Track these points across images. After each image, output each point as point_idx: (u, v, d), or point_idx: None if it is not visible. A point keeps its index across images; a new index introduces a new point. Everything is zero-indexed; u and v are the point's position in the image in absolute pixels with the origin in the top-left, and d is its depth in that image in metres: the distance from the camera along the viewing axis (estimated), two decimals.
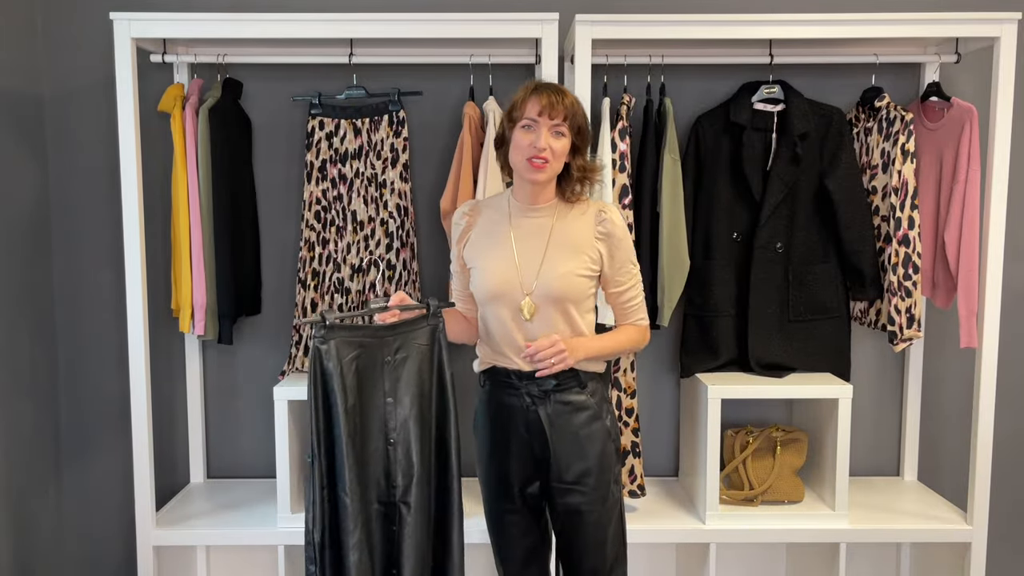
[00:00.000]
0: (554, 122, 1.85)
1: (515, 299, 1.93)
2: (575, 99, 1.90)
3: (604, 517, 1.96)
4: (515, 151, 1.89)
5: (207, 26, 2.31)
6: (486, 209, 2.03)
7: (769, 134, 2.50)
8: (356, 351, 1.84)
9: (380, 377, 1.88)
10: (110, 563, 2.84)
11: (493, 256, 1.96)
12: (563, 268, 1.91)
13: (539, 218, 1.96)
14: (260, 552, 2.71)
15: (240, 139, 2.64)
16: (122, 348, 2.62)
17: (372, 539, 1.85)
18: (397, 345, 1.90)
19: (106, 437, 2.78)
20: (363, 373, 1.85)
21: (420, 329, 1.92)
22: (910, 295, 2.44)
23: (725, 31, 2.29)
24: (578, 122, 1.89)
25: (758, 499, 2.50)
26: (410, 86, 2.59)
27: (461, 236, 2.03)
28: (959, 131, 2.42)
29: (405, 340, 1.90)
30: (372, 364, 1.87)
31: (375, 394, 1.88)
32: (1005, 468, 2.74)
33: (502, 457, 1.99)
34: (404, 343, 1.90)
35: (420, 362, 1.92)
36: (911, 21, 2.30)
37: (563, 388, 1.94)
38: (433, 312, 1.93)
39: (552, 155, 1.87)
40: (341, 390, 1.79)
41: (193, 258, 2.48)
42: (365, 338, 1.86)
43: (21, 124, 2.60)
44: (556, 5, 2.46)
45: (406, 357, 1.90)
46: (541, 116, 1.85)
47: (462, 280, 2.06)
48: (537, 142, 1.85)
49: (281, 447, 2.39)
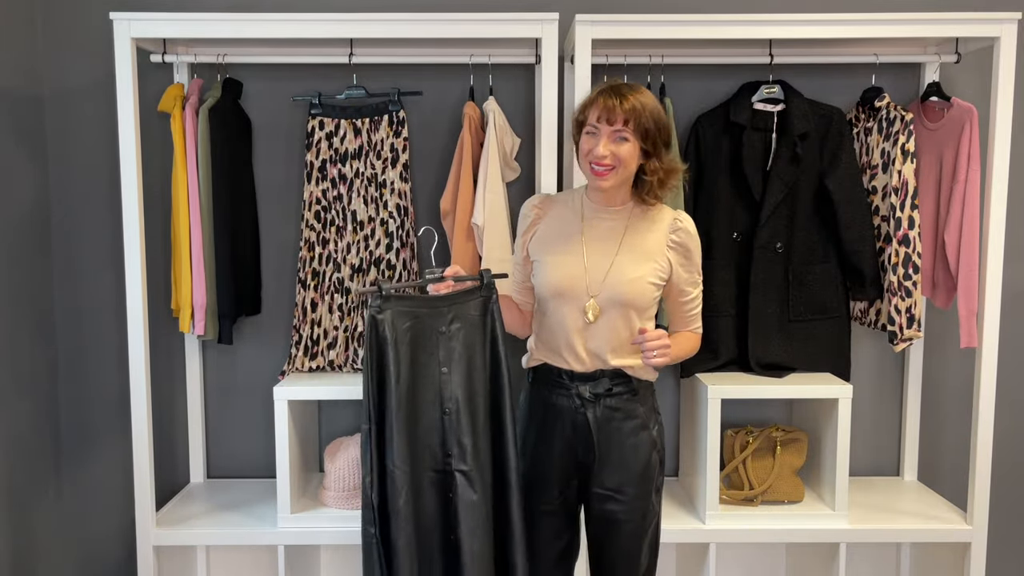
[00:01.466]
0: (614, 127, 1.82)
1: (579, 299, 1.91)
2: (641, 101, 1.82)
3: (640, 528, 1.95)
4: (581, 157, 1.89)
5: (207, 26, 2.31)
6: (557, 204, 2.01)
7: (769, 134, 2.50)
8: (411, 321, 1.86)
9: (435, 347, 1.89)
10: (110, 563, 2.84)
11: (561, 253, 1.94)
12: (632, 274, 1.90)
13: (611, 220, 1.94)
14: (260, 552, 2.71)
15: (240, 139, 2.64)
16: (122, 348, 2.62)
17: (425, 507, 1.87)
18: (451, 316, 1.90)
19: (106, 437, 2.78)
20: (417, 343, 1.87)
21: (473, 300, 1.93)
22: (910, 295, 2.44)
23: (725, 31, 2.29)
24: (644, 125, 1.82)
25: (758, 499, 2.50)
26: (410, 86, 2.59)
27: (528, 228, 2.02)
28: (959, 131, 2.42)
29: (459, 311, 1.91)
30: (427, 334, 1.88)
31: (430, 364, 1.89)
32: (1005, 468, 2.74)
33: (543, 455, 1.98)
34: (458, 314, 1.91)
35: (473, 333, 1.92)
36: (911, 21, 2.29)
37: (615, 393, 1.93)
38: (486, 283, 1.93)
39: (616, 160, 1.83)
40: (395, 361, 1.82)
41: (193, 258, 2.48)
42: (420, 308, 1.88)
43: (21, 124, 2.60)
44: (556, 5, 2.46)
45: (460, 328, 1.91)
46: (600, 122, 1.82)
47: (523, 272, 2.05)
48: (596, 149, 1.83)
49: (281, 447, 2.39)
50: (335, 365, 2.62)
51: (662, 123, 1.86)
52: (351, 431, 2.75)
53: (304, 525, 2.42)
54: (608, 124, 1.82)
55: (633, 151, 1.84)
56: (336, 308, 2.61)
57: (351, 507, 2.47)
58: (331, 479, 2.48)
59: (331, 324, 2.61)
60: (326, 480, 2.51)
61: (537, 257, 1.98)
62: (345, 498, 2.47)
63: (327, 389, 2.45)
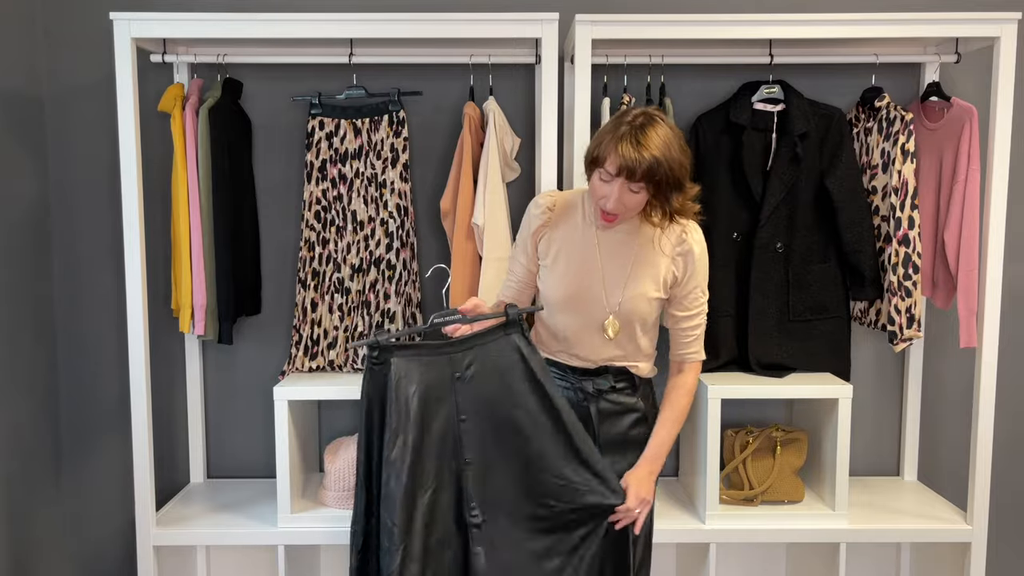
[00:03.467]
0: (630, 183, 1.75)
1: (593, 312, 1.91)
2: (658, 156, 1.72)
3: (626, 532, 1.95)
4: (591, 192, 1.85)
5: (207, 26, 2.31)
6: (569, 209, 1.95)
7: (769, 134, 2.50)
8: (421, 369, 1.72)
9: (449, 395, 1.76)
10: (110, 563, 2.84)
11: (577, 262, 1.91)
12: (644, 289, 1.90)
13: (624, 233, 1.91)
14: (260, 552, 2.71)
15: (240, 139, 2.64)
16: (122, 348, 2.62)
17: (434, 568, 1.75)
18: (469, 360, 1.77)
19: (106, 437, 2.78)
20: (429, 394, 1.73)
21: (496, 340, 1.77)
22: (910, 295, 2.44)
23: (725, 31, 2.29)
24: (657, 178, 1.73)
25: (758, 499, 2.50)
26: (410, 86, 2.59)
27: (538, 229, 1.96)
28: (959, 131, 2.42)
29: (480, 353, 1.77)
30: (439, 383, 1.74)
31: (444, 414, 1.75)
32: (1005, 468, 2.74)
33: None
34: (478, 356, 1.77)
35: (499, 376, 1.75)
36: (911, 21, 2.29)
37: (618, 389, 1.96)
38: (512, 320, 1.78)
39: (624, 210, 1.80)
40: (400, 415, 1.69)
41: (193, 258, 2.48)
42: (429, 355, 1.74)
43: (21, 124, 2.60)
44: (556, 5, 2.46)
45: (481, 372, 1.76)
46: (619, 176, 1.75)
47: (526, 271, 1.99)
48: (607, 203, 1.78)
49: (281, 447, 2.39)
50: (335, 365, 2.62)
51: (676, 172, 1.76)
52: (351, 431, 2.75)
53: (304, 525, 2.42)
54: (625, 179, 1.75)
55: (642, 200, 1.80)
56: (336, 308, 2.61)
57: (351, 507, 2.46)
58: (331, 479, 2.48)
59: (331, 324, 2.61)
60: (326, 480, 2.51)
61: (548, 262, 1.95)
62: (345, 498, 2.47)
63: (327, 389, 2.45)
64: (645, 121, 1.75)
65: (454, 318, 1.76)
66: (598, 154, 1.78)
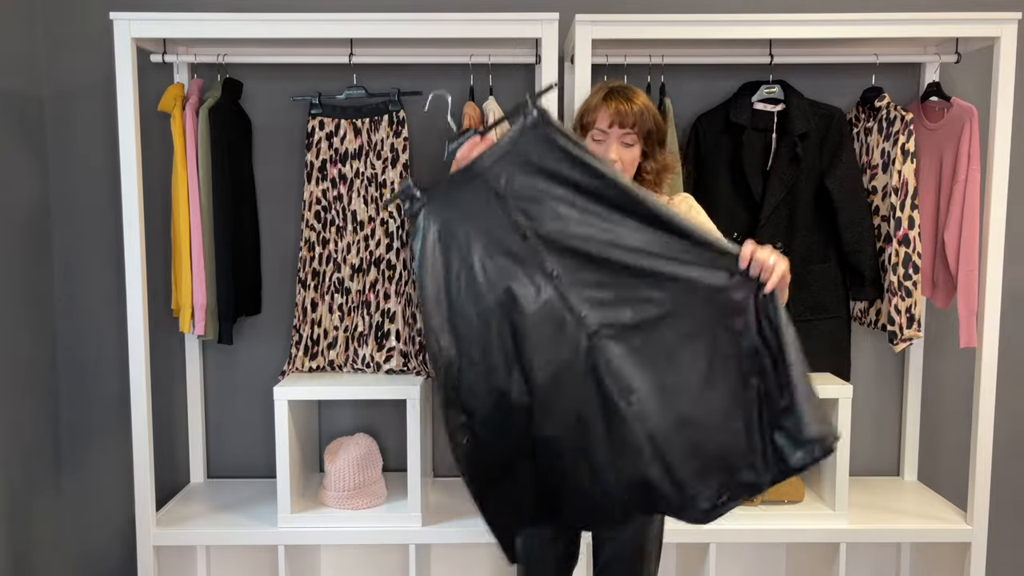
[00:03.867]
0: (623, 131, 1.85)
1: None
2: (645, 103, 1.88)
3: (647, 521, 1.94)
4: None
5: (207, 26, 2.31)
6: None
7: (769, 134, 2.50)
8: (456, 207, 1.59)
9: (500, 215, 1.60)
10: (110, 563, 2.84)
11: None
12: None
13: None
14: (260, 552, 2.71)
15: (240, 139, 2.64)
16: (122, 348, 2.62)
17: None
18: (501, 172, 1.62)
19: (106, 437, 2.79)
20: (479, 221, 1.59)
21: (522, 139, 1.60)
22: (910, 295, 2.44)
23: (725, 31, 2.29)
24: (647, 127, 1.87)
25: (758, 499, 2.50)
26: (410, 86, 2.59)
27: None
28: (959, 131, 2.42)
29: (509, 161, 1.61)
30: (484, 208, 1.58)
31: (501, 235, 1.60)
32: (1005, 468, 2.74)
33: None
34: (508, 164, 1.62)
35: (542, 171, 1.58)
36: (911, 21, 2.29)
37: None
38: (530, 109, 1.60)
39: (623, 166, 1.86)
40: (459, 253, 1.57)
41: (193, 258, 2.48)
42: (460, 188, 1.61)
43: (21, 124, 2.60)
44: (556, 5, 2.46)
45: (519, 177, 1.60)
46: (612, 127, 1.85)
47: None
48: (607, 155, 1.84)
49: (281, 447, 2.39)
50: (335, 365, 2.62)
51: (660, 123, 1.92)
52: (351, 431, 2.75)
53: (304, 525, 2.42)
54: (619, 128, 1.85)
55: (636, 156, 1.89)
56: (336, 308, 2.61)
57: (351, 507, 2.47)
58: (331, 479, 2.48)
59: (331, 324, 2.61)
60: (326, 480, 2.51)
61: None
62: (345, 498, 2.47)
63: (327, 389, 2.45)
64: (624, 85, 1.93)
65: (468, 135, 1.65)
66: (588, 118, 1.89)
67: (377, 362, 2.58)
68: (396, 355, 2.56)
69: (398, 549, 2.72)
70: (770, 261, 1.60)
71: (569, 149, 1.61)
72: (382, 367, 2.57)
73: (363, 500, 2.48)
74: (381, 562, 2.77)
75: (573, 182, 1.62)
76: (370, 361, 2.59)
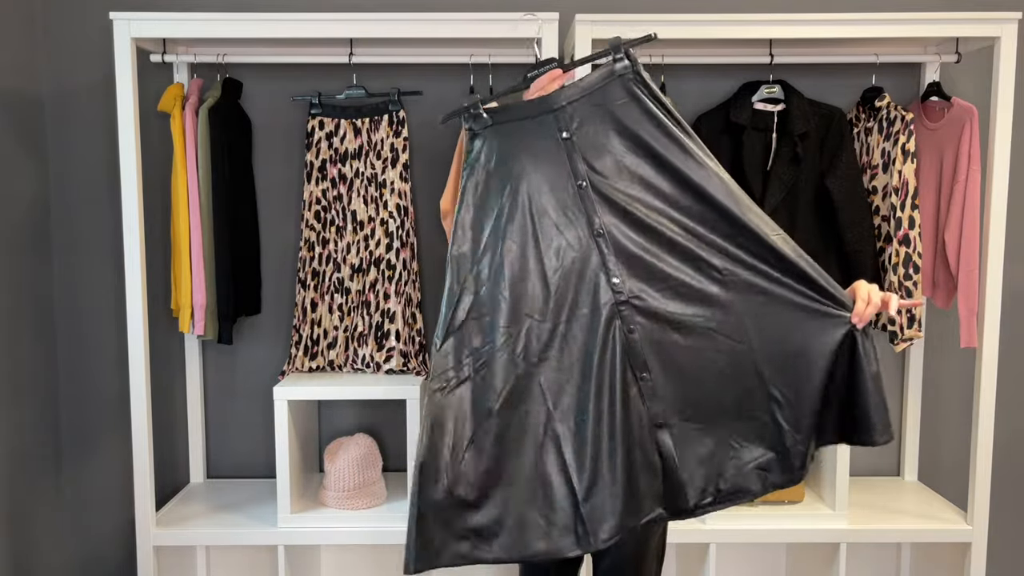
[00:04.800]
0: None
1: None
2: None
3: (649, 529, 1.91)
4: None
5: (207, 26, 2.31)
6: None
7: (769, 134, 2.50)
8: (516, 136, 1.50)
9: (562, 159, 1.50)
10: (110, 563, 2.84)
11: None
12: None
13: None
14: (260, 552, 2.71)
15: (240, 139, 2.64)
16: (122, 348, 2.62)
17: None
18: (574, 114, 1.50)
19: (106, 437, 2.79)
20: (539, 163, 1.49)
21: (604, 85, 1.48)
22: (910, 295, 2.44)
23: (725, 31, 2.29)
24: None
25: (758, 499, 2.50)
26: (410, 86, 2.59)
27: None
28: (959, 131, 2.42)
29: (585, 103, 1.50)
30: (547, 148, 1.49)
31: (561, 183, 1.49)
32: (1005, 468, 2.74)
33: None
34: (583, 108, 1.49)
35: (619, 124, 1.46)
36: (911, 21, 2.29)
37: None
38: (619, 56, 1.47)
39: None
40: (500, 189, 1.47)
41: (193, 258, 2.48)
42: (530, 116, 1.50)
43: (21, 124, 2.60)
44: (556, 5, 2.46)
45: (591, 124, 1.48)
46: None
47: None
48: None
49: (281, 447, 2.39)
50: (335, 365, 2.62)
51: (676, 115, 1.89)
52: (351, 431, 2.75)
53: (304, 525, 2.42)
54: None
55: None
56: (336, 308, 2.61)
57: (351, 507, 2.47)
58: (331, 479, 2.48)
59: (331, 324, 2.61)
60: (326, 480, 2.51)
61: None
62: (345, 498, 2.47)
63: (327, 389, 2.45)
64: None
65: (550, 66, 1.54)
66: None
67: (377, 362, 2.58)
68: (396, 355, 2.56)
69: (398, 549, 2.71)
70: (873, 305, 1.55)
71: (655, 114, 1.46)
72: (382, 367, 2.57)
73: (363, 500, 2.48)
74: (381, 562, 2.77)
75: (653, 153, 1.49)
76: (370, 361, 2.59)
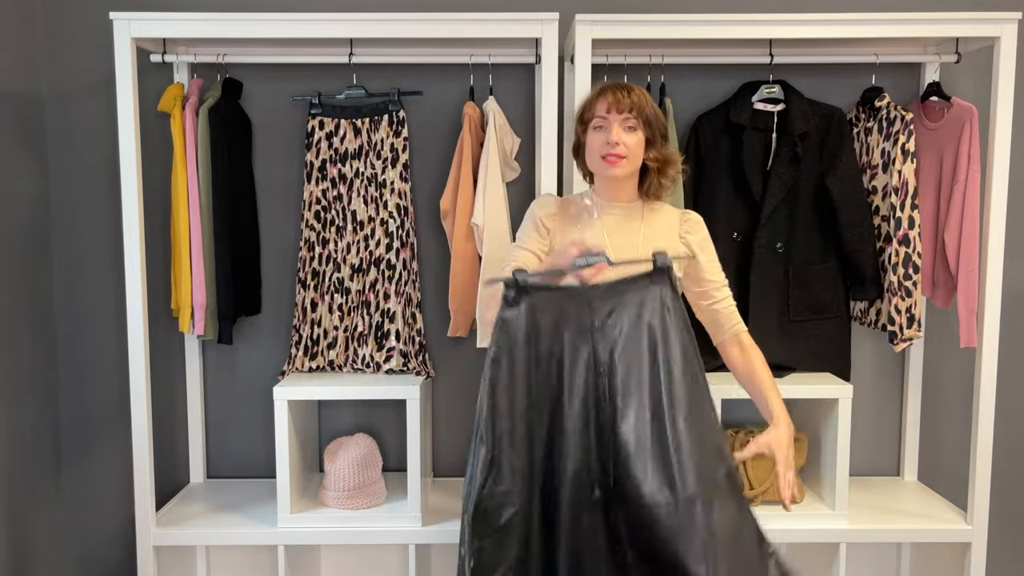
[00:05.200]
0: (623, 116, 1.87)
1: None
2: (642, 92, 1.91)
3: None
4: (590, 153, 1.92)
5: (207, 26, 2.31)
6: (569, 205, 2.00)
7: (769, 134, 2.50)
8: (554, 315, 1.58)
9: (587, 344, 1.59)
10: (110, 563, 2.84)
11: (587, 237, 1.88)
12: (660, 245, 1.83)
13: (626, 213, 1.96)
14: (260, 552, 2.71)
15: (240, 139, 2.64)
16: (122, 348, 2.62)
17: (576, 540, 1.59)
18: (609, 308, 1.61)
19: (106, 437, 2.78)
20: (571, 339, 1.59)
21: (640, 290, 1.60)
22: (910, 295, 2.44)
23: (725, 31, 2.29)
24: (646, 113, 1.89)
25: (758, 499, 2.50)
26: (410, 86, 2.59)
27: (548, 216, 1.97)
28: (959, 131, 2.42)
29: (620, 302, 1.61)
30: (579, 328, 1.58)
31: (582, 363, 1.59)
32: (1005, 468, 2.74)
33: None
34: (619, 305, 1.61)
35: (645, 329, 1.58)
36: (911, 21, 2.29)
37: None
38: (659, 267, 1.60)
39: (626, 149, 1.88)
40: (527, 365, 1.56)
41: (193, 258, 2.48)
42: (568, 297, 1.60)
43: (21, 124, 2.60)
44: (556, 5, 2.46)
45: (621, 322, 1.59)
46: (610, 113, 1.87)
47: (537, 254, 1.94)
48: (609, 137, 1.87)
49: (281, 447, 2.39)
50: (335, 365, 2.62)
51: (660, 115, 1.93)
52: (351, 431, 2.75)
53: (304, 525, 2.42)
54: (617, 113, 1.87)
55: (640, 141, 1.89)
56: (336, 308, 2.61)
57: (351, 507, 2.47)
58: (331, 479, 2.48)
59: (331, 324, 2.61)
60: (326, 480, 2.51)
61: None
62: (345, 498, 2.47)
63: (327, 389, 2.45)
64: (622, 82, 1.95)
65: (598, 259, 1.61)
66: (587, 113, 1.92)
67: (377, 362, 2.58)
68: (396, 355, 2.56)
69: (398, 549, 2.72)
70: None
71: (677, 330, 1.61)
72: (382, 367, 2.57)
73: (363, 500, 2.48)
74: (381, 562, 2.77)
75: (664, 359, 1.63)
76: (370, 361, 2.59)
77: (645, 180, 1.97)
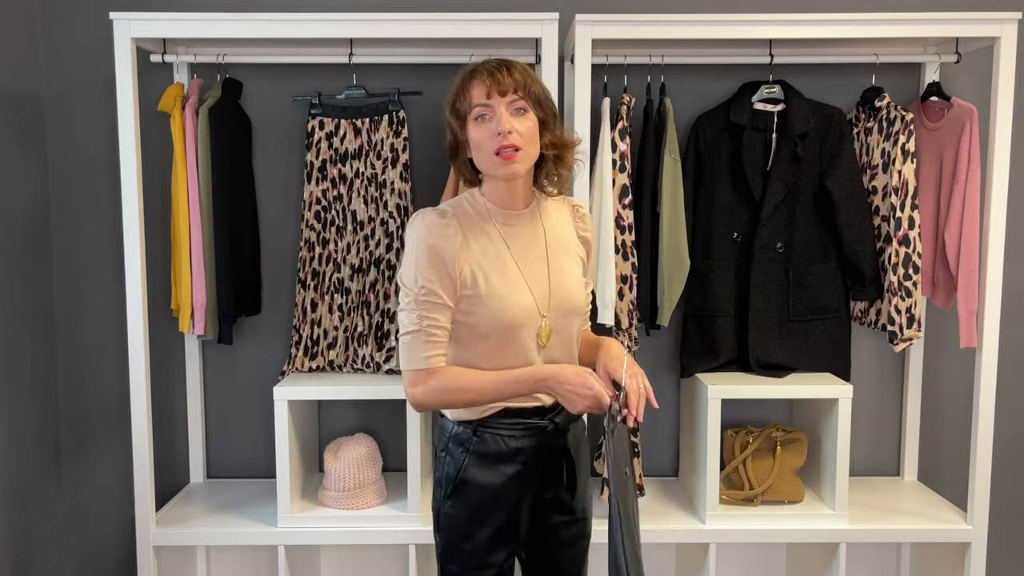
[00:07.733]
0: (508, 98, 1.58)
1: (533, 325, 1.64)
2: (523, 67, 1.62)
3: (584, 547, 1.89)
4: (479, 151, 1.60)
5: (207, 26, 2.31)
6: (462, 218, 1.67)
7: (769, 134, 2.50)
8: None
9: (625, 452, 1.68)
10: (110, 563, 2.84)
11: (500, 277, 1.64)
12: (570, 276, 1.70)
13: (528, 223, 1.70)
14: (260, 552, 2.71)
15: (240, 139, 2.64)
16: (122, 348, 2.62)
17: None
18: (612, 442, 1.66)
19: (106, 437, 2.79)
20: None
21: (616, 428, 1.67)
22: (910, 295, 2.44)
23: (725, 31, 2.29)
24: (534, 92, 1.60)
25: (758, 499, 2.50)
26: (410, 86, 2.59)
27: (457, 254, 1.62)
28: (959, 131, 2.42)
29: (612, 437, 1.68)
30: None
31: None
32: (1005, 468, 2.74)
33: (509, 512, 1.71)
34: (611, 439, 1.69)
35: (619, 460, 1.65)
36: (911, 21, 2.30)
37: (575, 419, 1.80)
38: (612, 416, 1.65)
39: (520, 138, 1.58)
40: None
41: (193, 258, 2.48)
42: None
43: (21, 124, 2.60)
44: (556, 5, 2.46)
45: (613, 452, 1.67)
46: (491, 97, 1.58)
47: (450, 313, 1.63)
48: (499, 127, 1.56)
49: (281, 447, 2.39)
50: (335, 365, 2.62)
51: (546, 91, 1.66)
52: (351, 431, 2.75)
53: (304, 525, 2.42)
54: (500, 96, 1.58)
55: (534, 127, 1.61)
56: (336, 308, 2.61)
57: (351, 507, 2.47)
58: (331, 479, 2.48)
59: (331, 324, 2.61)
60: (326, 480, 2.51)
61: (474, 290, 1.62)
62: (345, 498, 2.47)
63: (327, 389, 2.45)
64: (493, 58, 1.68)
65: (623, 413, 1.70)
66: (461, 104, 1.62)
67: (377, 362, 2.58)
68: (396, 355, 2.56)
69: (398, 549, 2.72)
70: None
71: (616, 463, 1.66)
72: (382, 367, 2.57)
73: (363, 500, 2.48)
74: (381, 562, 2.77)
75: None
76: (370, 361, 2.59)
77: (540, 171, 1.68)
